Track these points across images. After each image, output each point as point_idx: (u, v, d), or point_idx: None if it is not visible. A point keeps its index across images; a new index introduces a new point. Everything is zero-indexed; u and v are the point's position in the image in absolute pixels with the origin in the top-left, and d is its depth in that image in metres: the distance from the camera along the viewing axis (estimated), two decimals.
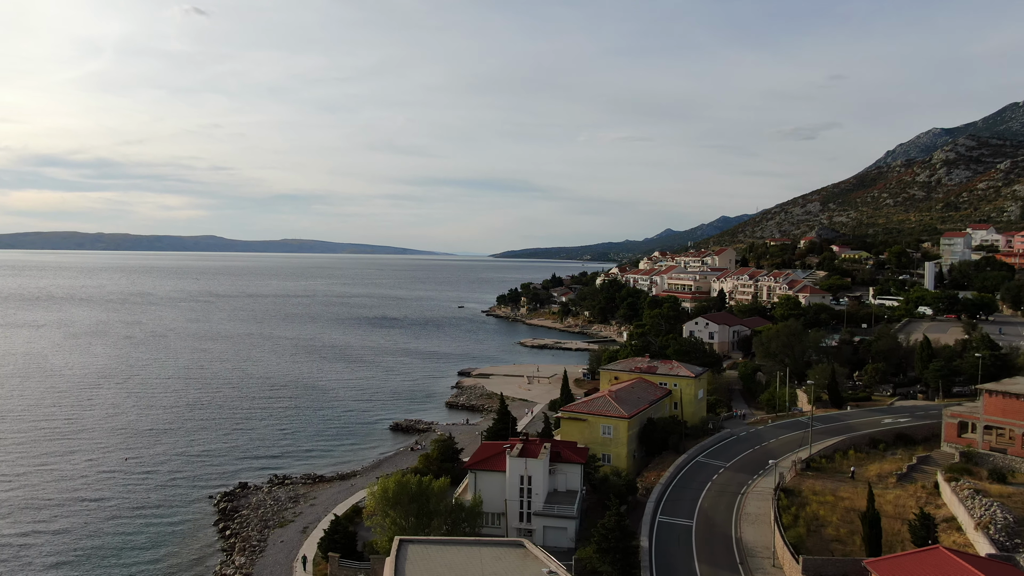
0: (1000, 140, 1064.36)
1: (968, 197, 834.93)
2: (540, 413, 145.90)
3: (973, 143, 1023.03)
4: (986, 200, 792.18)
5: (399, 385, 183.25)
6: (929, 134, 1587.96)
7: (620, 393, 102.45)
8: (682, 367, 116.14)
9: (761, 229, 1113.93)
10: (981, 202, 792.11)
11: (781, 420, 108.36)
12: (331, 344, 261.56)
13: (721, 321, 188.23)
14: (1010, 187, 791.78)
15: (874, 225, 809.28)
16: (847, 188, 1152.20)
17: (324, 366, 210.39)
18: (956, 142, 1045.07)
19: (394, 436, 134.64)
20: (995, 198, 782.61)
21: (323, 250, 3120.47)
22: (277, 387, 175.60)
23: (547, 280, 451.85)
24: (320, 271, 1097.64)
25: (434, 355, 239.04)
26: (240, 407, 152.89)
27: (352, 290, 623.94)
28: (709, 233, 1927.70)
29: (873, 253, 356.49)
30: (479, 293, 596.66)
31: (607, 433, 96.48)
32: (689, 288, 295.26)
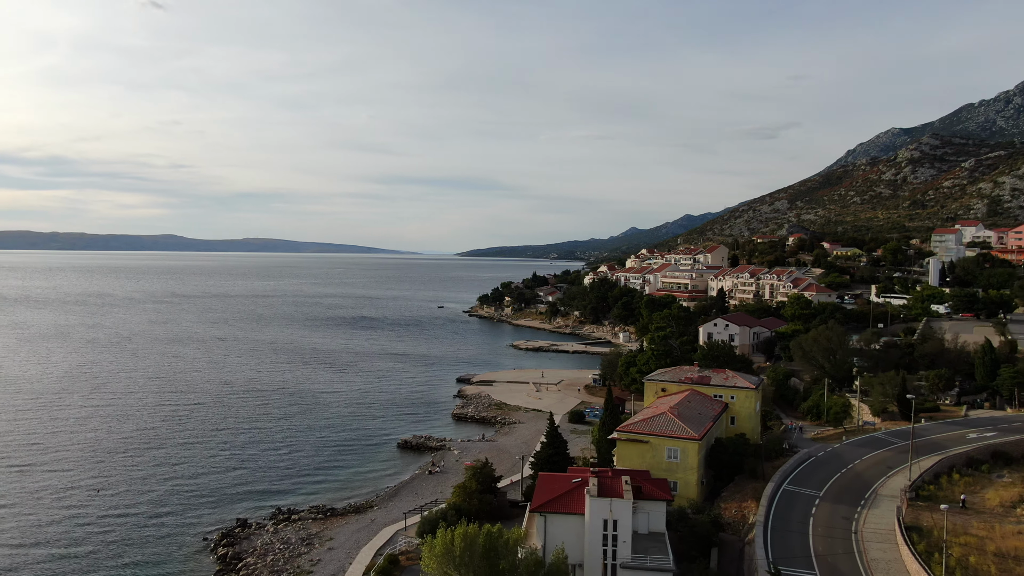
0: (963, 139, 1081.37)
1: (934, 195, 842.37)
2: (564, 426, 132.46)
3: (936, 142, 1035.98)
4: (952, 198, 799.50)
5: (396, 394, 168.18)
6: (888, 134, 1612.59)
7: (681, 409, 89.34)
8: (739, 377, 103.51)
9: (730, 227, 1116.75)
10: (947, 200, 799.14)
11: (856, 437, 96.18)
12: (313, 347, 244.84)
13: (741, 322, 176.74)
14: (975, 185, 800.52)
15: (842, 223, 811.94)
16: (813, 186, 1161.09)
17: (310, 373, 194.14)
18: (920, 141, 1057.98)
19: (404, 456, 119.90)
20: (961, 196, 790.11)
21: (286, 249, 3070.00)
22: (263, 398, 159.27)
23: (528, 279, 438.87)
24: (286, 271, 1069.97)
25: (425, 359, 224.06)
26: (225, 423, 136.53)
27: (323, 290, 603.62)
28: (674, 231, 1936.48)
29: (865, 250, 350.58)
30: (455, 292, 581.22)
31: (673, 457, 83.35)
32: (685, 287, 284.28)
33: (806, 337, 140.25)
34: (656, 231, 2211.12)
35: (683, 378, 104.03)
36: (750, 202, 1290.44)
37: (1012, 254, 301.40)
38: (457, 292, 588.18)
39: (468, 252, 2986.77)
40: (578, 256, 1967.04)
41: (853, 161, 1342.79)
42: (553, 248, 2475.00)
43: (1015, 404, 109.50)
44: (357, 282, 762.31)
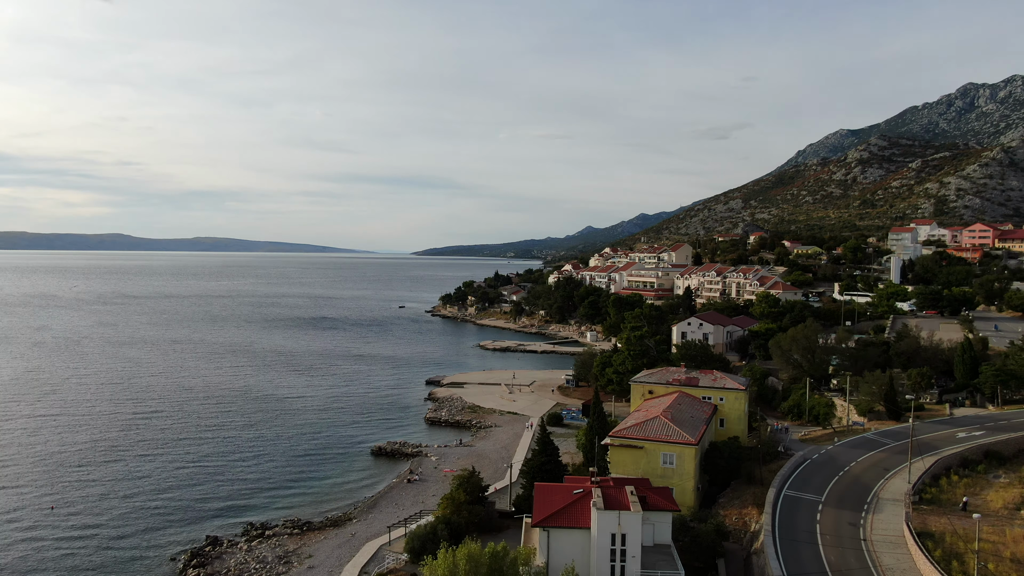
0: (909, 140, 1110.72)
1: (883, 195, 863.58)
2: None
3: (884, 143, 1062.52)
4: (900, 198, 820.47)
5: (365, 398, 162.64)
6: (837, 135, 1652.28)
7: (675, 413, 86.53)
8: (727, 378, 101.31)
9: (686, 225, 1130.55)
10: (896, 199, 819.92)
11: (848, 438, 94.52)
12: (274, 350, 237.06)
13: (714, 321, 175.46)
14: (922, 185, 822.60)
15: (795, 222, 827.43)
16: (767, 186, 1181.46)
17: (274, 377, 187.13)
18: (869, 142, 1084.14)
19: (378, 464, 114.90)
20: (909, 196, 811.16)
21: (239, 248, 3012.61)
22: (226, 404, 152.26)
23: (490, 279, 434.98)
24: (240, 270, 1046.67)
25: (391, 361, 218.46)
26: (188, 432, 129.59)
27: (279, 290, 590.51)
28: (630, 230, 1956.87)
29: (825, 248, 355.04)
30: (416, 292, 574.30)
31: (669, 463, 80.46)
32: (651, 285, 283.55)
33: (784, 336, 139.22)
34: (612, 230, 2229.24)
35: (671, 380, 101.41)
36: (705, 201, 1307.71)
37: (967, 252, 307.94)
38: (417, 291, 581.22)
39: (425, 251, 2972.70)
40: (535, 255, 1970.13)
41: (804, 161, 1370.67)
42: (510, 247, 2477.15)
43: (997, 402, 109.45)
44: (314, 282, 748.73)
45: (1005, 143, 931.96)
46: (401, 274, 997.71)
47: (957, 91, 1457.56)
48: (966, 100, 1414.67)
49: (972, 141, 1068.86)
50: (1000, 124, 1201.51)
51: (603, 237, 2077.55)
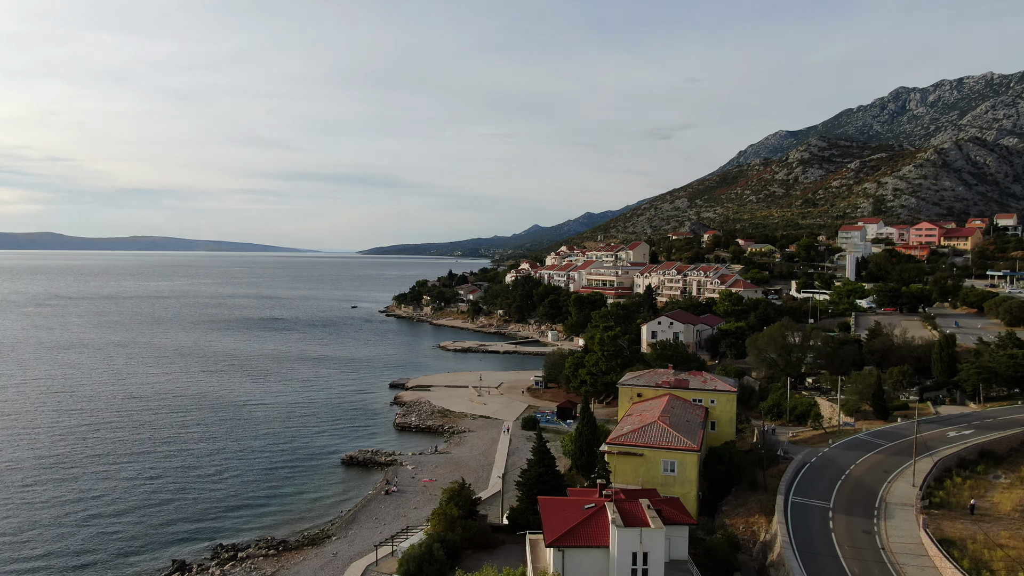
0: (847, 142, 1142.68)
1: (824, 194, 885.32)
2: (517, 434, 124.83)
3: (824, 144, 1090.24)
4: (840, 197, 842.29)
5: (327, 404, 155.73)
6: (776, 136, 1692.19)
7: (672, 417, 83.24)
8: (717, 380, 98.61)
9: (632, 224, 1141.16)
10: (836, 199, 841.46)
11: (842, 439, 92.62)
12: (225, 352, 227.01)
13: (684, 320, 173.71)
14: (861, 185, 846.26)
15: (740, 220, 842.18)
16: (711, 185, 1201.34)
17: (228, 382, 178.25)
18: (809, 142, 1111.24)
19: (350, 474, 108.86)
20: (848, 195, 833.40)
21: (178, 247, 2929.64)
22: (181, 413, 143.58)
23: (444, 278, 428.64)
24: (181, 270, 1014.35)
25: (350, 363, 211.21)
26: (142, 445, 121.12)
27: (225, 290, 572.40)
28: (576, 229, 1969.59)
29: (778, 246, 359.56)
30: (367, 291, 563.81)
31: (669, 470, 77.12)
32: (611, 284, 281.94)
33: (761, 335, 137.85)
34: (558, 228, 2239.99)
35: (660, 382, 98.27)
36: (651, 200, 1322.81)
37: (915, 250, 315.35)
38: (368, 291, 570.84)
39: (371, 250, 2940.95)
40: (482, 253, 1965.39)
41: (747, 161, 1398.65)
42: (457, 246, 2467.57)
43: (978, 399, 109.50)
44: (260, 281, 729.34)
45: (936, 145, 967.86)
46: (349, 273, 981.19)
47: (890, 95, 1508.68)
48: (898, 103, 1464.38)
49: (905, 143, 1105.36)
50: (930, 127, 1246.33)
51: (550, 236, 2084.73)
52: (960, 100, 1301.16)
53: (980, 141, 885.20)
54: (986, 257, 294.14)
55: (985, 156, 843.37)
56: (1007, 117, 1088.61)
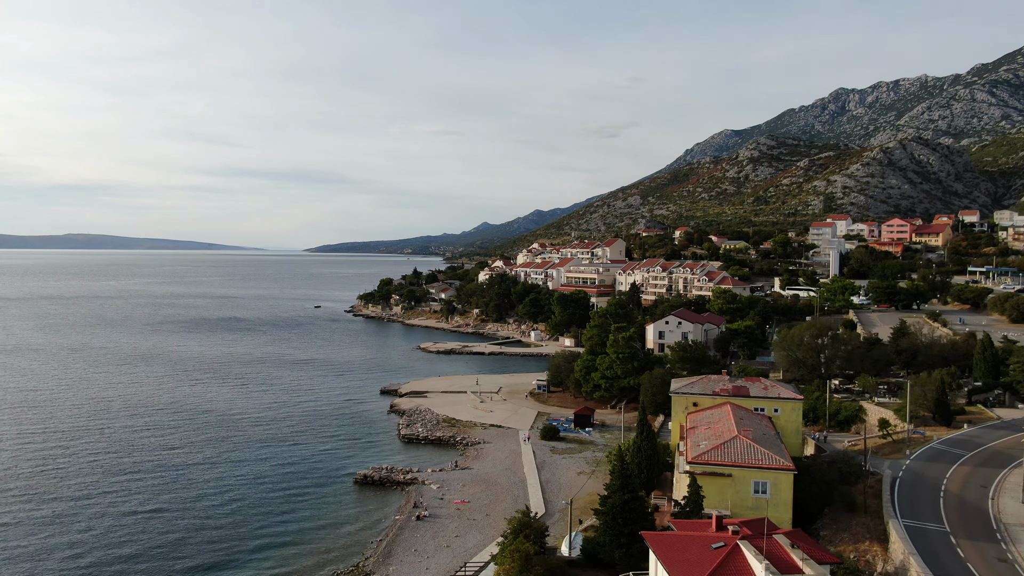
0: (795, 140, 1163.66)
1: (775, 192, 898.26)
2: (539, 445, 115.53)
3: (773, 142, 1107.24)
4: (791, 195, 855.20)
5: (319, 413, 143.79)
6: (722, 135, 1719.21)
7: (754, 432, 75.03)
8: (778, 386, 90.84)
9: (586, 221, 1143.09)
10: (787, 196, 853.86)
11: (918, 450, 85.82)
12: (191, 356, 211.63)
13: (693, 319, 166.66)
14: (810, 183, 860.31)
15: (693, 217, 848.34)
16: (663, 183, 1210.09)
17: (204, 389, 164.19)
18: (758, 141, 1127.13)
19: (366, 496, 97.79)
20: (799, 193, 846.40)
21: (115, 245, 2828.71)
22: (158, 425, 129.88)
23: (410, 276, 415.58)
24: (123, 269, 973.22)
25: (330, 367, 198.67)
26: (121, 464, 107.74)
27: (175, 289, 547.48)
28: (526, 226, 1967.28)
29: (751, 243, 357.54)
30: (325, 291, 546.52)
31: (761, 492, 68.75)
32: (592, 281, 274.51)
33: (789, 333, 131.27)
34: (508, 226, 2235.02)
35: (717, 390, 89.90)
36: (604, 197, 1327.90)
37: (889, 246, 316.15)
38: (326, 290, 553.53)
39: (317, 248, 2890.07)
40: (433, 251, 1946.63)
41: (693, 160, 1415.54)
42: (406, 243, 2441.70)
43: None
44: (209, 280, 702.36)
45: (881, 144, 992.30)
46: (299, 272, 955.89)
47: (830, 95, 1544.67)
48: (838, 104, 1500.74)
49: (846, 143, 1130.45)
50: (869, 127, 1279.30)
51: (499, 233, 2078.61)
52: (897, 101, 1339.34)
53: (923, 141, 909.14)
54: (959, 253, 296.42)
55: (928, 155, 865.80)
56: (942, 118, 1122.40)
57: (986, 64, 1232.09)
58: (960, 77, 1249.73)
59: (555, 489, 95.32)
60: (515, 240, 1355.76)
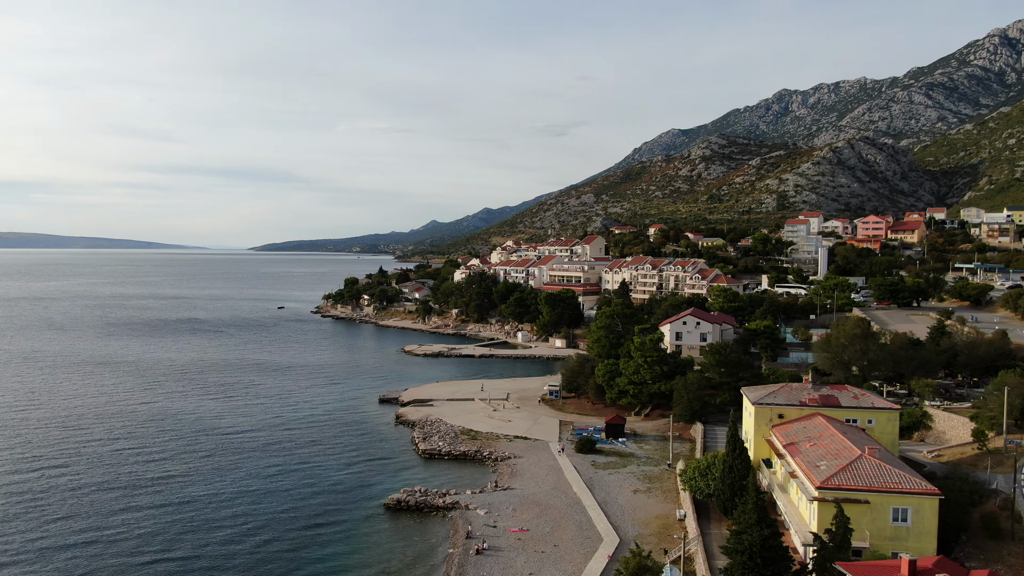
0: (746, 140, 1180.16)
1: (728, 190, 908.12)
2: (578, 461, 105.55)
3: (724, 141, 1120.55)
4: (744, 193, 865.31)
5: (319, 425, 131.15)
6: (669, 134, 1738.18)
7: (880, 451, 66.52)
8: (869, 395, 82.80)
9: (540, 219, 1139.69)
10: (740, 194, 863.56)
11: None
12: (159, 361, 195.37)
13: (712, 320, 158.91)
14: (763, 181, 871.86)
15: (648, 215, 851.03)
16: (616, 181, 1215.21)
17: (185, 400, 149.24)
18: (710, 140, 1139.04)
19: (401, 522, 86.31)
20: (752, 191, 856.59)
21: (49, 245, 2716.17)
22: (146, 446, 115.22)
23: (376, 275, 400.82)
24: (62, 269, 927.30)
25: (314, 372, 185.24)
26: (113, 490, 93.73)
27: (122, 290, 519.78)
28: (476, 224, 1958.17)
29: (727, 240, 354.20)
30: (284, 291, 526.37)
31: (901, 520, 60.38)
32: (578, 280, 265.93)
33: (836, 334, 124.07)
34: (457, 224, 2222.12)
35: (804, 399, 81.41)
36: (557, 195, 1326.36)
37: (866, 243, 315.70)
38: (284, 290, 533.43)
39: (263, 246, 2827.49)
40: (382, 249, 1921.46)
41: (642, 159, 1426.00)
42: (354, 241, 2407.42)
43: None
44: (156, 280, 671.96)
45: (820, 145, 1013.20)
46: (249, 271, 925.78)
47: (774, 96, 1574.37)
48: (782, 105, 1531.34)
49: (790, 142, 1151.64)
50: (812, 127, 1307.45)
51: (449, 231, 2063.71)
52: (838, 103, 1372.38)
53: (870, 141, 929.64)
54: (936, 249, 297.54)
55: (875, 155, 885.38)
56: (882, 119, 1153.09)
57: (922, 67, 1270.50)
58: (897, 80, 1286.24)
59: (617, 512, 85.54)
60: (468, 238, 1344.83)
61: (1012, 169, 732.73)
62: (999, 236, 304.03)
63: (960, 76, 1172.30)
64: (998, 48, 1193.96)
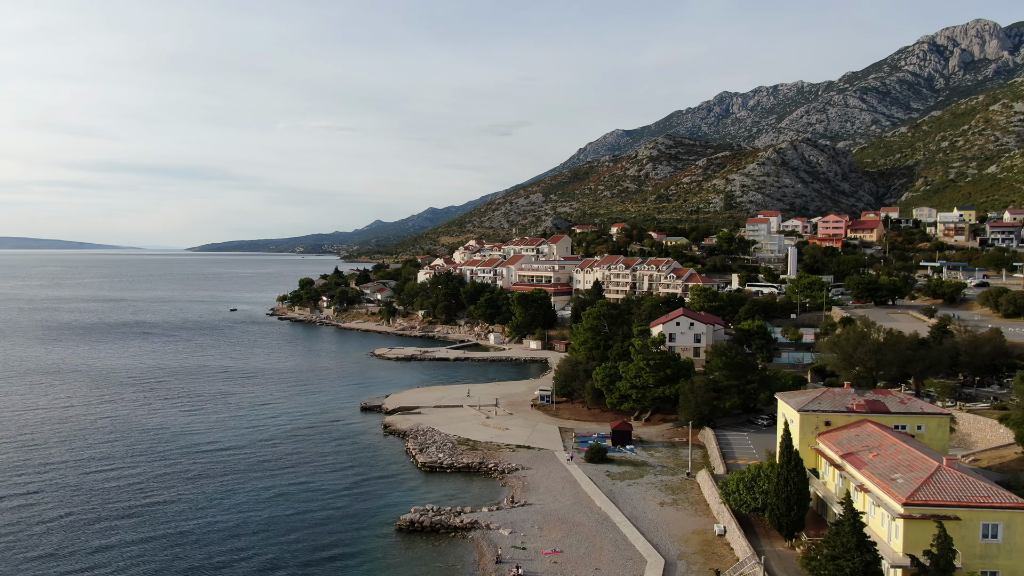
0: (691, 140, 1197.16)
1: (676, 190, 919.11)
2: (591, 471, 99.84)
3: (670, 142, 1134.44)
4: (692, 192, 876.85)
5: (305, 437, 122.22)
6: (614, 134, 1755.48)
7: (956, 461, 62.41)
8: (916, 399, 79.11)
9: (489, 219, 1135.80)
10: (688, 194, 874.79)
11: None
12: (114, 370, 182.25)
13: (704, 320, 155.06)
14: (710, 181, 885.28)
15: (598, 215, 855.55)
16: (564, 180, 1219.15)
17: (153, 412, 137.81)
18: (656, 140, 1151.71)
19: (416, 545, 79.06)
20: (699, 191, 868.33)
21: None
22: (124, 469, 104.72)
23: (331, 275, 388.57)
24: None
25: (284, 379, 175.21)
26: (84, 524, 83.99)
27: (57, 292, 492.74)
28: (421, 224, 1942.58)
29: (691, 239, 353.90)
30: (233, 292, 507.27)
31: (991, 536, 56.21)
32: (548, 280, 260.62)
33: (843, 334, 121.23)
34: (402, 224, 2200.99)
35: (851, 405, 77.21)
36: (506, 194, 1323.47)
37: (828, 241, 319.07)
38: (232, 291, 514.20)
39: (202, 247, 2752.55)
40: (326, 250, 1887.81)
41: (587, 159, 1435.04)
42: (297, 241, 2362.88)
43: None
44: (93, 282, 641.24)
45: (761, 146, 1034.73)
46: (191, 272, 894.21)
47: (715, 98, 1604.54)
48: (723, 107, 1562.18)
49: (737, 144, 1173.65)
50: (752, 129, 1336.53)
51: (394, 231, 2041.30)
52: (776, 105, 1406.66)
53: (812, 142, 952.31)
54: (897, 248, 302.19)
55: (817, 156, 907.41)
56: (819, 122, 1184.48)
57: (856, 72, 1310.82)
58: (833, 84, 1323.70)
59: (649, 528, 80.00)
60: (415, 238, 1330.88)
61: (946, 171, 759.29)
62: (955, 235, 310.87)
63: (892, 81, 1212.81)
64: (927, 55, 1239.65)
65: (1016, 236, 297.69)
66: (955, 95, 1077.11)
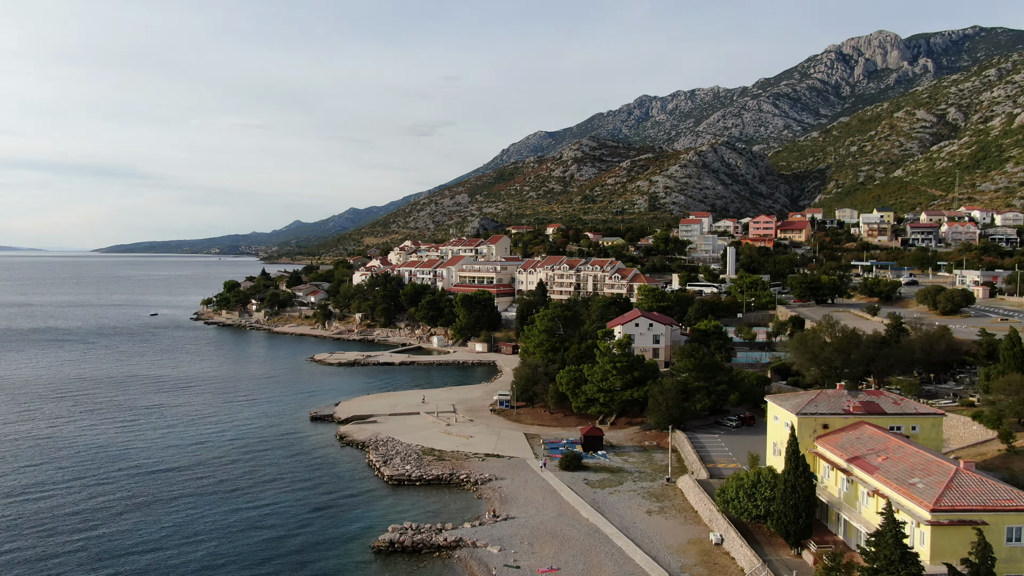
0: (615, 142, 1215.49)
1: (601, 191, 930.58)
2: (567, 478, 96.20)
3: (595, 143, 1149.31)
4: (617, 193, 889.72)
5: (256, 452, 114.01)
6: (537, 136, 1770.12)
7: (972, 463, 61.36)
8: (909, 400, 78.48)
9: (414, 219, 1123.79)
10: (613, 195, 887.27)
11: None
12: (29, 380, 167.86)
13: (663, 321, 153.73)
14: (634, 183, 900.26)
15: (524, 215, 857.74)
16: (489, 181, 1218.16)
17: (83, 428, 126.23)
18: (580, 142, 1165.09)
19: (397, 568, 73.45)
20: (624, 192, 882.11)
21: None
22: (59, 495, 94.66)
23: (259, 277, 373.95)
24: None
25: (224, 388, 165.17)
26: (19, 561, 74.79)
27: None
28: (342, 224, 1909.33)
29: (627, 240, 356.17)
30: (150, 295, 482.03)
31: (1015, 540, 55.29)
32: (490, 280, 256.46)
33: (808, 333, 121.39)
34: (323, 224, 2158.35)
35: (847, 407, 75.92)
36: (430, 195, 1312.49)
37: (760, 242, 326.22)
38: (149, 295, 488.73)
39: (109, 248, 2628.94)
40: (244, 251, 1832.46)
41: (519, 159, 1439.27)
42: (212, 242, 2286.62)
43: None
44: None
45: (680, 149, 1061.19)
46: (101, 274, 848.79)
47: (635, 101, 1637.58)
48: (643, 110, 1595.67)
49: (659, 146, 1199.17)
50: (672, 132, 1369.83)
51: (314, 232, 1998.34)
52: (694, 109, 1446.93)
53: (731, 145, 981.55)
54: (825, 248, 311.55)
55: (736, 159, 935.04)
56: (735, 126, 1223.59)
57: (768, 79, 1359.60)
58: (747, 89, 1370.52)
59: (643, 539, 76.82)
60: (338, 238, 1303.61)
61: (856, 174, 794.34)
62: (878, 235, 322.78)
63: (802, 88, 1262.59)
64: (834, 63, 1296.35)
65: (934, 236, 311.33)
66: (860, 102, 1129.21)
